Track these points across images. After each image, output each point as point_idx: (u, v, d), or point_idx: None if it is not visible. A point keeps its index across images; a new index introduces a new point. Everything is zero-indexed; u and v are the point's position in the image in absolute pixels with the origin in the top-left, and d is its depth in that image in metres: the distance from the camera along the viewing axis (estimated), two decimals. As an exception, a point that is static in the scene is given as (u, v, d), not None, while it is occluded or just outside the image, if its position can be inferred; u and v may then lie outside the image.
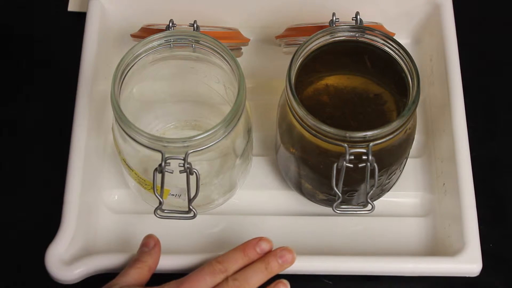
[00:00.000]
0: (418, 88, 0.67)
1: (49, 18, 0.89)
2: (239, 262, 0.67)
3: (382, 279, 0.74)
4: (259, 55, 0.84)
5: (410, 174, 0.78)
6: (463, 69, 0.79)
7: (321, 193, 0.73)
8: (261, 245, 0.68)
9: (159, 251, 0.69)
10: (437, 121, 0.79)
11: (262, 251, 0.68)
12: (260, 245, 0.68)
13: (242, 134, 0.70)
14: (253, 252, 0.68)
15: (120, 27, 0.84)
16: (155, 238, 0.70)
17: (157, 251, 0.69)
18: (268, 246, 0.69)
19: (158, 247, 0.69)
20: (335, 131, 0.65)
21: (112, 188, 0.78)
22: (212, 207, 0.76)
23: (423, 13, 0.84)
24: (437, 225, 0.76)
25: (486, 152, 0.81)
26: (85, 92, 0.77)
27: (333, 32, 0.70)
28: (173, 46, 0.70)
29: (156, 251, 0.69)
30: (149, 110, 0.76)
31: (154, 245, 0.69)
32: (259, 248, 0.68)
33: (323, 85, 0.71)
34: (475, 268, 0.71)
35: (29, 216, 0.77)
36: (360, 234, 0.76)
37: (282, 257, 0.68)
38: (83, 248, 0.72)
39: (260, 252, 0.68)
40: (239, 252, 0.68)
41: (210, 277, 0.66)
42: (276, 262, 0.68)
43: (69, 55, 0.83)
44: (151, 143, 0.65)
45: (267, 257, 0.68)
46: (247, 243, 0.68)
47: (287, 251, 0.68)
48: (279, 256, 0.68)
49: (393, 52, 0.70)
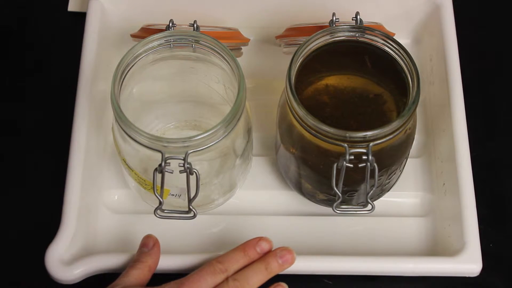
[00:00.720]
0: (418, 88, 0.67)
1: (49, 18, 0.89)
2: (239, 262, 0.67)
3: (382, 279, 0.74)
4: (259, 55, 0.84)
5: (410, 174, 0.78)
6: (463, 69, 0.79)
7: (321, 193, 0.73)
8: (261, 245, 0.68)
9: (159, 251, 0.69)
10: (437, 121, 0.79)
11: (262, 251, 0.68)
12: (260, 244, 0.68)
13: (242, 134, 0.70)
14: (253, 252, 0.68)
15: (120, 27, 0.84)
16: (154, 238, 0.70)
17: (156, 251, 0.69)
18: (268, 245, 0.69)
19: (158, 247, 0.69)
20: (335, 131, 0.65)
21: (112, 188, 0.78)
22: (212, 207, 0.76)
23: (423, 13, 0.84)
24: (437, 225, 0.76)
25: (486, 152, 0.81)
26: (85, 92, 0.77)
27: (333, 32, 0.70)
28: (173, 46, 0.70)
29: (155, 251, 0.69)
30: (149, 110, 0.76)
31: (153, 245, 0.69)
32: (259, 248, 0.68)
33: (323, 85, 0.71)
34: (475, 268, 0.71)
35: (29, 216, 0.77)
36: (360, 234, 0.76)
37: (282, 257, 0.68)
38: (83, 248, 0.72)
39: (260, 251, 0.68)
40: (239, 252, 0.68)
41: (211, 277, 0.66)
42: (276, 263, 0.68)
43: (69, 55, 0.83)
44: (151, 143, 0.65)
45: (267, 257, 0.68)
46: (247, 242, 0.68)
47: (287, 251, 0.68)
48: (279, 256, 0.68)
49: (393, 52, 0.70)
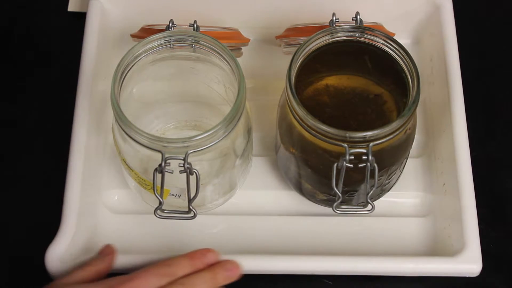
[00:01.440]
0: (418, 88, 0.67)
1: (49, 18, 0.89)
2: (185, 268, 0.67)
3: (382, 279, 0.74)
4: (259, 55, 0.84)
5: (410, 174, 0.78)
6: (463, 69, 0.79)
7: (321, 193, 0.73)
8: (208, 256, 0.68)
9: (112, 259, 0.70)
10: (437, 121, 0.79)
11: (208, 262, 0.68)
12: (207, 255, 0.68)
13: (242, 134, 0.70)
14: (200, 262, 0.68)
15: (120, 27, 0.84)
16: (112, 248, 0.70)
17: (109, 258, 0.69)
18: (214, 258, 0.69)
19: (112, 255, 0.70)
20: (335, 131, 0.65)
21: (112, 188, 0.78)
22: (212, 207, 0.76)
23: (423, 13, 0.84)
24: (437, 225, 0.76)
25: (486, 152, 0.81)
26: (85, 92, 0.77)
27: (333, 32, 0.70)
28: (173, 46, 0.70)
29: (108, 258, 0.69)
30: (149, 110, 0.76)
31: (108, 253, 0.70)
32: (205, 259, 0.68)
33: (323, 85, 0.71)
34: (475, 268, 0.71)
35: (29, 216, 0.77)
36: (360, 234, 0.76)
37: (228, 270, 0.68)
38: (83, 248, 0.72)
39: (206, 262, 0.68)
40: (186, 259, 0.68)
41: (156, 278, 0.66)
42: (223, 274, 0.68)
43: (69, 55, 0.83)
44: (151, 143, 0.65)
45: (214, 268, 0.68)
46: (194, 252, 0.69)
47: (234, 265, 0.69)
48: (226, 269, 0.68)
49: (393, 52, 0.70)
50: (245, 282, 0.72)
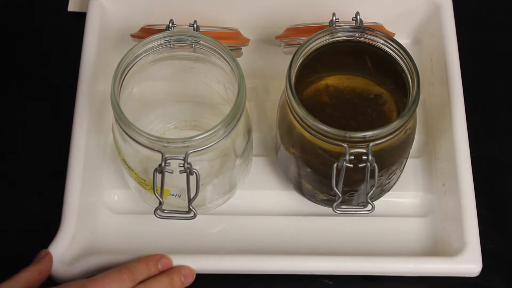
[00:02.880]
0: (418, 88, 0.67)
1: (49, 18, 0.89)
2: (143, 273, 0.68)
3: (382, 279, 0.74)
4: (259, 55, 0.84)
5: (410, 174, 0.78)
6: (463, 69, 0.79)
7: (321, 193, 0.73)
8: (163, 262, 0.70)
9: (50, 260, 0.70)
10: (437, 121, 0.79)
11: (163, 268, 0.70)
12: (162, 261, 0.70)
13: (242, 134, 0.70)
14: (155, 267, 0.69)
15: (120, 27, 0.84)
16: (45, 251, 0.70)
17: (48, 258, 0.70)
18: (168, 264, 0.70)
19: (49, 256, 0.70)
20: (335, 131, 0.65)
21: (112, 188, 0.78)
22: (212, 207, 0.76)
23: (423, 13, 0.84)
24: (437, 225, 0.76)
25: (486, 152, 0.81)
26: (85, 92, 0.77)
27: (333, 32, 0.70)
28: (173, 46, 0.70)
29: (47, 258, 0.70)
30: (149, 110, 0.76)
31: (44, 255, 0.70)
32: (160, 264, 0.69)
33: (323, 85, 0.71)
34: (475, 268, 0.71)
35: (29, 216, 0.77)
36: (360, 234, 0.76)
37: (185, 276, 0.70)
38: (83, 248, 0.72)
39: (161, 268, 0.69)
40: (143, 264, 0.69)
41: (117, 283, 0.66)
42: (179, 279, 0.69)
43: (69, 55, 0.83)
44: (151, 143, 0.65)
45: (171, 273, 0.69)
46: (150, 257, 0.70)
47: (189, 271, 0.70)
48: (182, 274, 0.69)
49: (393, 52, 0.70)
50: (245, 282, 0.72)
